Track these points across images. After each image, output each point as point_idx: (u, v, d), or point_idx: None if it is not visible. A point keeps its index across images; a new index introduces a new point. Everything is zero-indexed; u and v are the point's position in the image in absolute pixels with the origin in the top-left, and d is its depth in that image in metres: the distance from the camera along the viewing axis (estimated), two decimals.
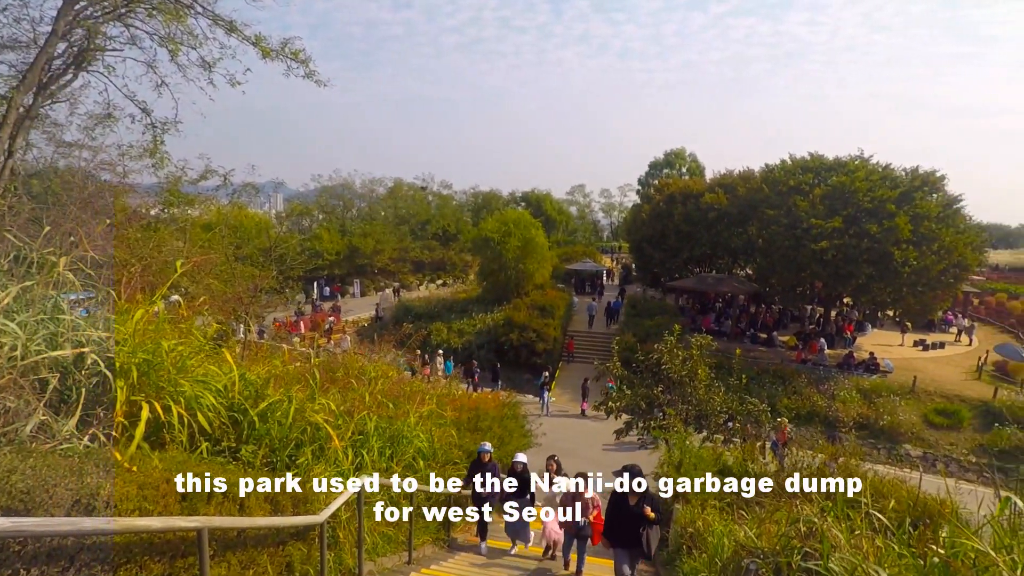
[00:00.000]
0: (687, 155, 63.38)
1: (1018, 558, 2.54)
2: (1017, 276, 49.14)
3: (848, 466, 11.46)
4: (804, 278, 27.80)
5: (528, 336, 27.30)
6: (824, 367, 25.98)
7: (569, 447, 20.12)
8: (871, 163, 28.29)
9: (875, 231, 24.54)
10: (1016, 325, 33.91)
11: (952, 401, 23.27)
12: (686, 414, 13.53)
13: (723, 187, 34.48)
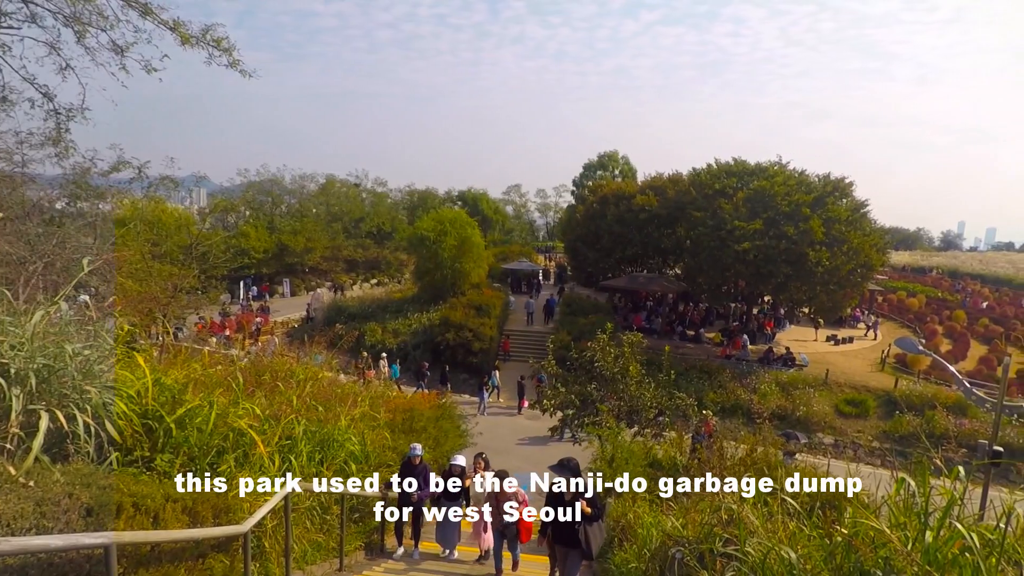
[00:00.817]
0: (620, 157, 65.05)
1: (910, 534, 2.76)
2: (915, 276, 53.49)
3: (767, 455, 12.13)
4: (728, 277, 29.17)
5: (464, 335, 27.24)
6: (747, 362, 27.37)
7: (503, 445, 20.25)
8: (788, 169, 30.01)
9: (792, 233, 26.06)
10: (914, 320, 36.93)
11: (860, 392, 25.04)
12: (618, 410, 13.90)
13: (653, 189, 35.65)
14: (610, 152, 65.11)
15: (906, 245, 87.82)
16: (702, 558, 4.29)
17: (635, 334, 15.98)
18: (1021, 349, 30.70)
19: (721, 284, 30.14)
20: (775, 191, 27.55)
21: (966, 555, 2.55)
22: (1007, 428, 20.72)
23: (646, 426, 14.25)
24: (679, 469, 10.69)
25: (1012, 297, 44.49)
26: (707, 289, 31.34)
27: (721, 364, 27.02)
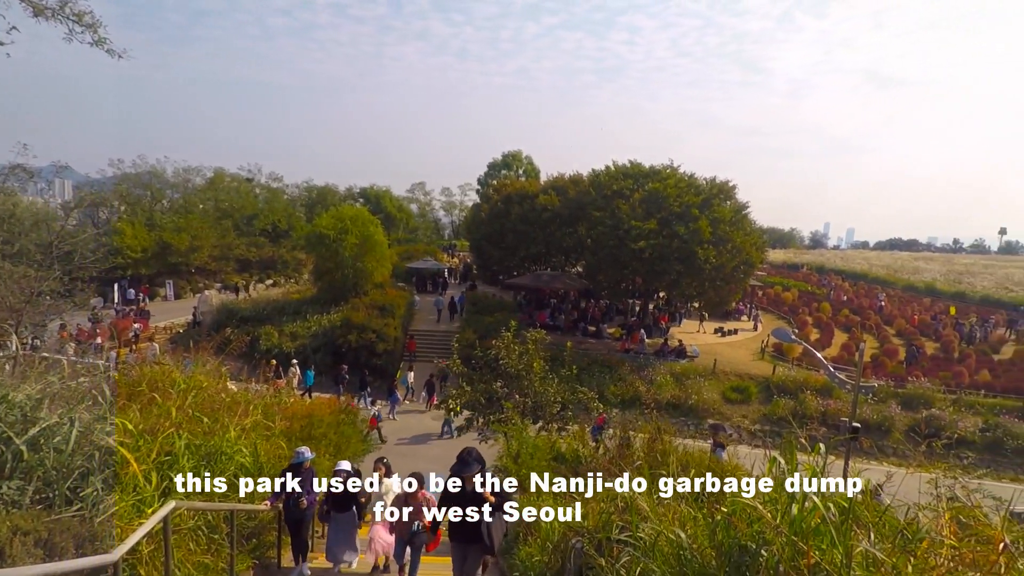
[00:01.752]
0: (524, 157, 66.16)
1: (780, 508, 3.00)
2: (789, 272, 58.77)
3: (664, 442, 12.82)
4: (627, 274, 30.51)
5: (368, 337, 26.54)
6: (644, 355, 28.77)
7: (411, 447, 19.97)
8: (679, 172, 31.83)
9: (683, 232, 27.71)
10: (788, 312, 40.53)
11: (743, 379, 27.08)
12: (523, 406, 14.11)
13: (556, 189, 36.58)
14: (514, 152, 66.05)
15: (781, 244, 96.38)
16: (600, 546, 4.44)
17: (539, 331, 16.27)
18: (875, 336, 34.59)
19: (620, 281, 31.46)
20: (668, 193, 29.15)
21: (825, 523, 2.82)
22: (864, 406, 23.25)
23: (550, 421, 14.57)
24: (582, 461, 11.03)
25: (867, 290, 50.04)
26: (607, 286, 32.59)
27: (621, 358, 28.19)
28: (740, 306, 38.88)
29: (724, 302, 33.56)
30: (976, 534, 2.86)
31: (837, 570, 2.48)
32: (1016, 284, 48.91)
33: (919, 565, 2.61)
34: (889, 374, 27.48)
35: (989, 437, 22.83)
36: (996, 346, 32.98)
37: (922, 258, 73.12)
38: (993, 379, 27.06)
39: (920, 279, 52.60)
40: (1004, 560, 2.40)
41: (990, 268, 59.00)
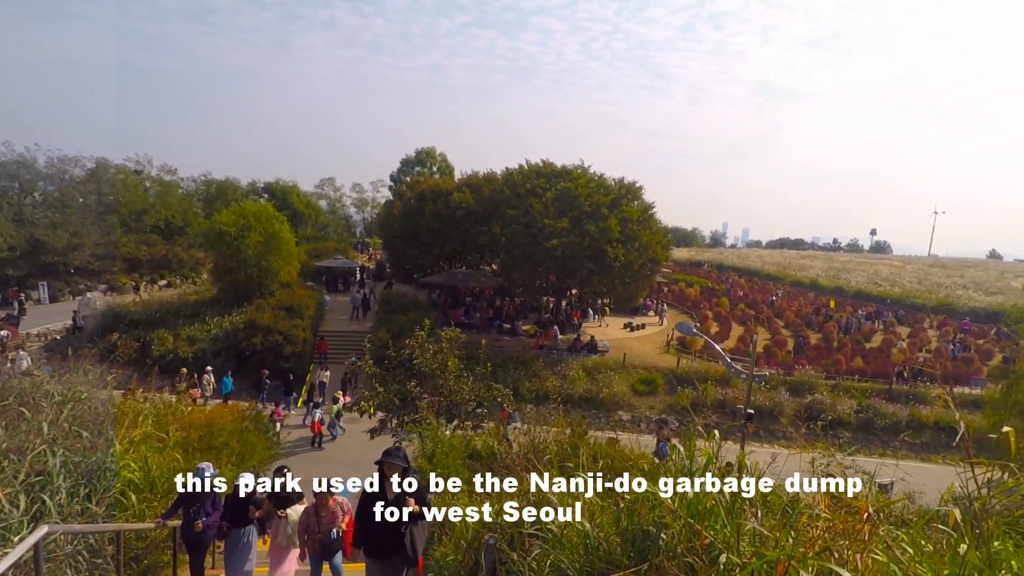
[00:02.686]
0: (438, 154, 65.62)
1: (678, 492, 3.17)
2: (692, 269, 62.28)
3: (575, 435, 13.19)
4: (540, 272, 31.06)
5: (274, 339, 25.32)
6: (557, 351, 29.43)
7: (324, 453, 19.28)
8: (590, 172, 32.80)
9: (593, 231, 28.60)
10: (691, 307, 42.95)
11: (651, 372, 28.38)
12: (438, 405, 14.02)
13: (470, 187, 36.58)
14: (428, 149, 65.35)
15: (685, 243, 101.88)
16: (513, 541, 4.49)
17: (454, 330, 16.21)
18: (767, 328, 37.39)
19: (534, 279, 31.98)
20: (579, 192, 29.95)
21: (719, 505, 3.00)
22: (757, 394, 25.06)
23: (465, 419, 14.57)
24: (497, 458, 11.11)
25: (760, 286, 54.03)
26: (521, 284, 33.02)
27: (535, 354, 28.67)
28: (647, 302, 40.68)
29: (632, 298, 35.00)
30: (846, 506, 3.15)
31: (728, 547, 2.65)
32: (883, 279, 54.61)
33: (798, 537, 2.82)
34: (779, 363, 29.79)
35: (862, 417, 25.32)
36: (868, 335, 36.63)
37: (807, 256, 79.86)
38: (865, 365, 30.05)
39: (805, 275, 57.42)
40: (868, 528, 2.65)
41: (863, 265, 65.47)
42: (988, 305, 42.52)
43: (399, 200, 41.68)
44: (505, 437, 11.80)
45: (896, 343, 34.50)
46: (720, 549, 2.66)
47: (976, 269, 64.19)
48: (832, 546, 2.66)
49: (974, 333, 37.46)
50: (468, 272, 36.64)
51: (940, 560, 2.61)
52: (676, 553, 2.80)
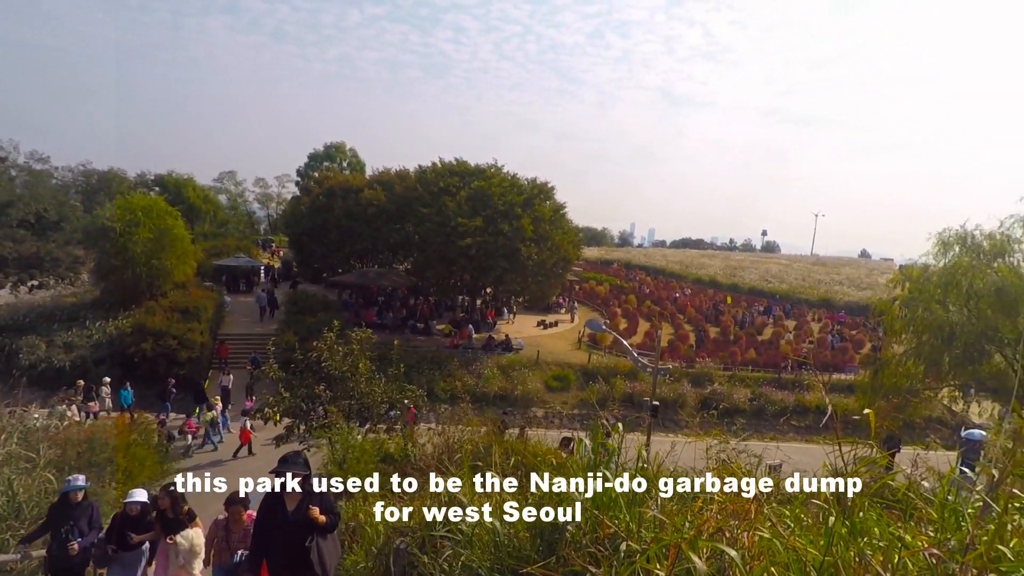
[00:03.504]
0: (348, 149, 63.71)
1: (584, 485, 3.25)
2: (602, 267, 64.39)
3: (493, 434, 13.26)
4: (454, 271, 30.96)
5: (167, 344, 23.51)
6: (472, 350, 29.46)
7: (229, 464, 18.14)
8: (503, 172, 33.06)
9: (507, 230, 28.87)
10: (601, 304, 44.41)
11: (563, 368, 29.05)
12: (348, 409, 13.59)
13: (382, 184, 35.79)
14: (338, 143, 63.30)
15: (595, 242, 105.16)
16: (424, 544, 4.43)
17: (365, 330, 15.79)
18: (671, 324, 39.39)
19: (448, 278, 31.83)
20: (492, 191, 30.13)
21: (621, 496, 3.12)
22: (662, 386, 26.33)
23: (378, 422, 14.24)
24: (411, 460, 10.95)
25: (664, 283, 56.82)
26: (435, 283, 32.77)
27: (450, 354, 28.54)
28: (560, 300, 41.62)
29: (545, 296, 35.69)
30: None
31: (629, 535, 2.75)
32: (773, 277, 59.12)
33: (694, 520, 2.98)
34: (682, 357, 31.47)
35: (755, 405, 27.25)
36: (760, 329, 39.50)
37: (707, 255, 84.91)
38: (758, 356, 32.39)
39: (705, 273, 61.03)
40: (755, 507, 2.84)
41: (755, 264, 70.55)
42: (859, 299, 47.12)
43: (307, 196, 40.06)
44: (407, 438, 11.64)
45: (784, 335, 37.47)
46: (622, 537, 2.76)
47: (850, 267, 70.99)
48: (724, 527, 2.83)
49: (848, 325, 41.41)
50: (380, 271, 35.85)
51: (816, 532, 2.85)
52: (582, 544, 2.88)
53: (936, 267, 16.54)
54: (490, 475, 4.82)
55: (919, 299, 16.64)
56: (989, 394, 18.61)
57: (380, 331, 27.46)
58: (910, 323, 16.98)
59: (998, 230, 15.94)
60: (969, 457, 11.09)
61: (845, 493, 2.64)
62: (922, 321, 16.35)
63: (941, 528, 2.72)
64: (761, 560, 2.39)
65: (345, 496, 9.73)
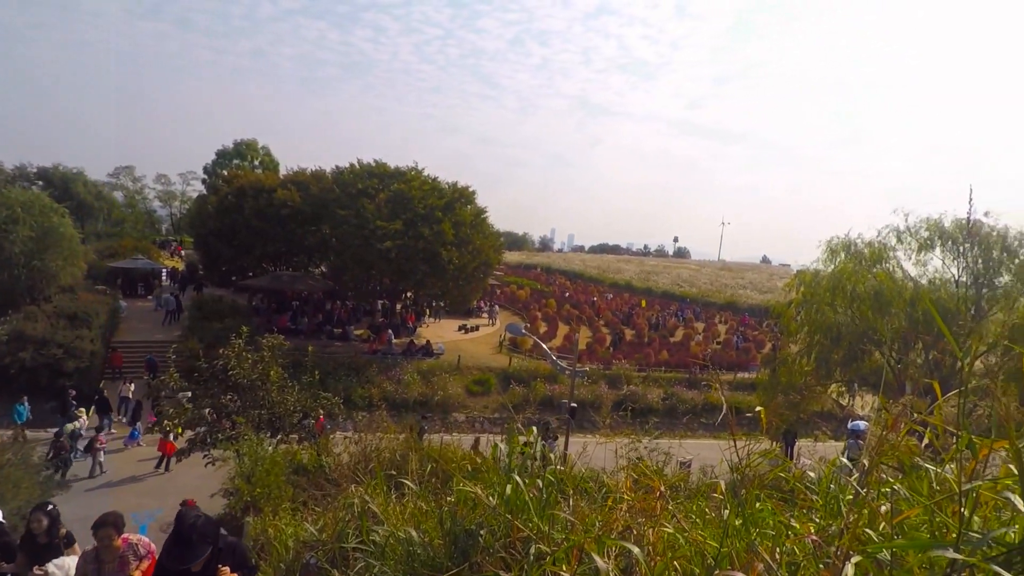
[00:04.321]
0: (260, 147, 60.86)
1: (499, 491, 3.27)
2: (523, 272, 65.15)
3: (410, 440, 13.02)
4: (373, 275, 30.29)
5: (51, 353, 21.40)
6: (392, 355, 28.89)
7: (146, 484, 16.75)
8: (424, 175, 32.73)
9: (428, 234, 28.59)
10: (522, 308, 44.91)
11: (484, 372, 29.11)
12: (259, 419, 12.92)
13: (297, 184, 34.39)
14: (249, 140, 60.28)
15: (516, 246, 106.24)
16: (335, 558, 4.28)
17: (277, 336, 15.08)
18: (589, 327, 40.46)
19: (367, 281, 31.11)
20: (413, 194, 29.74)
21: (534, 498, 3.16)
22: (580, 388, 26.96)
23: (291, 431, 13.64)
24: (326, 470, 10.58)
25: (583, 288, 58.32)
26: (353, 287, 31.92)
27: (369, 360, 27.84)
28: (481, 304, 41.69)
29: (466, 300, 35.62)
30: (644, 487, 3.50)
31: (541, 537, 2.78)
32: (684, 281, 62.19)
33: (604, 519, 3.06)
34: (599, 359, 32.38)
35: (668, 404, 28.49)
36: (672, 331, 41.41)
37: (623, 260, 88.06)
38: (670, 357, 33.90)
39: (622, 278, 63.24)
40: (660, 505, 2.95)
41: (668, 269, 73.94)
42: (761, 302, 50.50)
43: (214, 195, 37.76)
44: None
45: (694, 337, 39.48)
46: (534, 540, 2.79)
47: (753, 272, 75.98)
48: (632, 524, 2.92)
49: (751, 326, 44.25)
50: (295, 275, 34.43)
51: (716, 525, 3.00)
52: (494, 550, 2.89)
53: (825, 272, 18.02)
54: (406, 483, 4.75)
55: (811, 302, 18.05)
56: (871, 389, 20.48)
57: (294, 337, 26.39)
58: (803, 324, 18.39)
59: (876, 239, 17.63)
60: (855, 447, 12.18)
61: (740, 486, 2.81)
62: (813, 322, 17.75)
63: (825, 515, 2.95)
64: (664, 556, 2.49)
65: (253, 511, 9.26)
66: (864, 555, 1.76)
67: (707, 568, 2.38)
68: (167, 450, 17.01)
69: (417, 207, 29.38)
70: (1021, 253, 15.78)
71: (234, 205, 33.56)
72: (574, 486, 3.43)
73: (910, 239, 17.18)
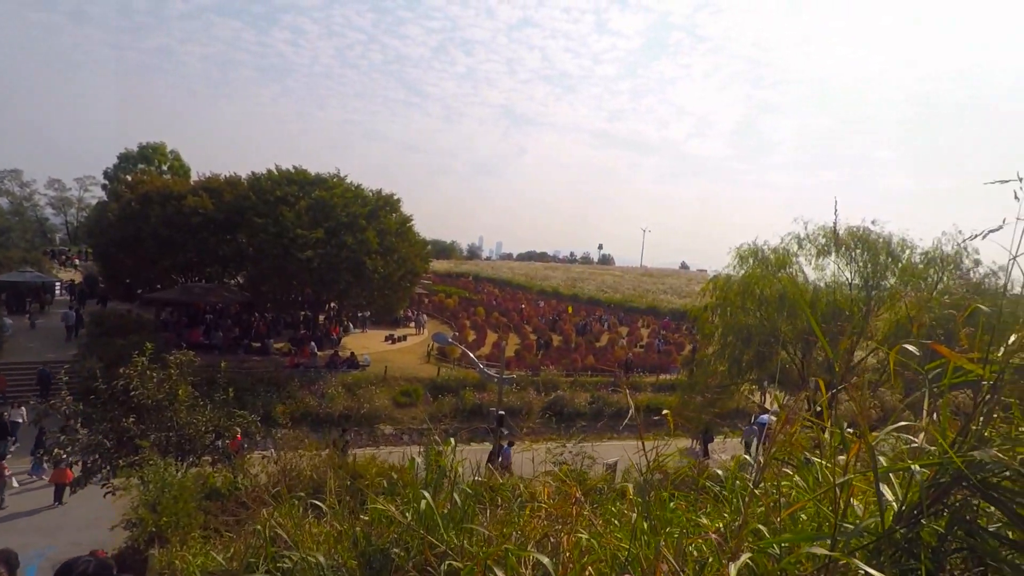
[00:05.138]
0: (169, 151, 57.38)
1: (413, 507, 3.19)
2: (451, 280, 64.83)
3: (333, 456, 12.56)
4: (294, 286, 29.15)
5: None
6: (315, 368, 27.87)
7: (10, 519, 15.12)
8: (347, 182, 31.94)
9: (351, 242, 27.87)
10: (451, 317, 44.65)
11: (412, 383, 28.61)
12: (166, 442, 12.05)
13: (209, 191, 32.56)
14: (156, 144, 56.69)
15: (444, 255, 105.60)
16: None
17: (186, 352, 14.16)
18: (517, 334, 40.77)
19: (287, 292, 29.91)
20: (335, 202, 28.94)
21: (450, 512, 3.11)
22: (509, 395, 27.03)
23: (203, 454, 12.84)
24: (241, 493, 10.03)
25: (511, 295, 58.76)
26: (273, 298, 30.60)
27: (290, 374, 26.73)
28: (408, 313, 41.09)
29: (393, 310, 35.01)
30: (562, 492, 3.53)
31: (455, 552, 2.74)
32: (608, 287, 63.98)
33: (522, 528, 3.06)
34: (528, 365, 32.65)
35: (594, 408, 29.10)
36: (598, 336, 42.43)
37: (550, 267, 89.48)
38: (596, 362, 34.69)
39: (549, 284, 64.22)
40: (576, 510, 2.98)
41: (593, 275, 75.83)
42: (680, 306, 52.73)
43: (116, 202, 35.15)
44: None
45: (618, 341, 40.62)
46: (449, 555, 2.74)
47: (673, 277, 79.23)
48: (550, 532, 2.93)
49: (672, 330, 46.10)
50: (208, 286, 32.56)
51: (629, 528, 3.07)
52: (407, 568, 2.82)
53: (736, 277, 19.08)
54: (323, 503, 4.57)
55: (724, 305, 19.04)
56: (779, 386, 21.83)
57: (208, 352, 24.93)
58: (717, 327, 19.36)
59: (780, 245, 18.87)
60: (750, 432, 12.82)
61: (648, 488, 2.88)
62: (727, 325, 18.73)
63: (731, 510, 3.08)
64: (577, 563, 2.51)
65: (159, 542, 8.62)
66: (756, 551, 1.85)
67: (618, 571, 2.42)
68: (64, 479, 15.54)
69: (340, 215, 28.61)
70: (903, 257, 17.37)
71: (139, 213, 31.30)
72: (491, 497, 3.41)
73: (809, 245, 18.51)
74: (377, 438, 24.51)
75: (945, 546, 1.57)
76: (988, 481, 1.52)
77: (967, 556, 1.57)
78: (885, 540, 1.56)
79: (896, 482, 1.72)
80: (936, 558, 1.55)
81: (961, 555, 1.58)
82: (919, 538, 1.61)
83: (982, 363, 1.61)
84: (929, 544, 1.59)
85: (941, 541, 1.57)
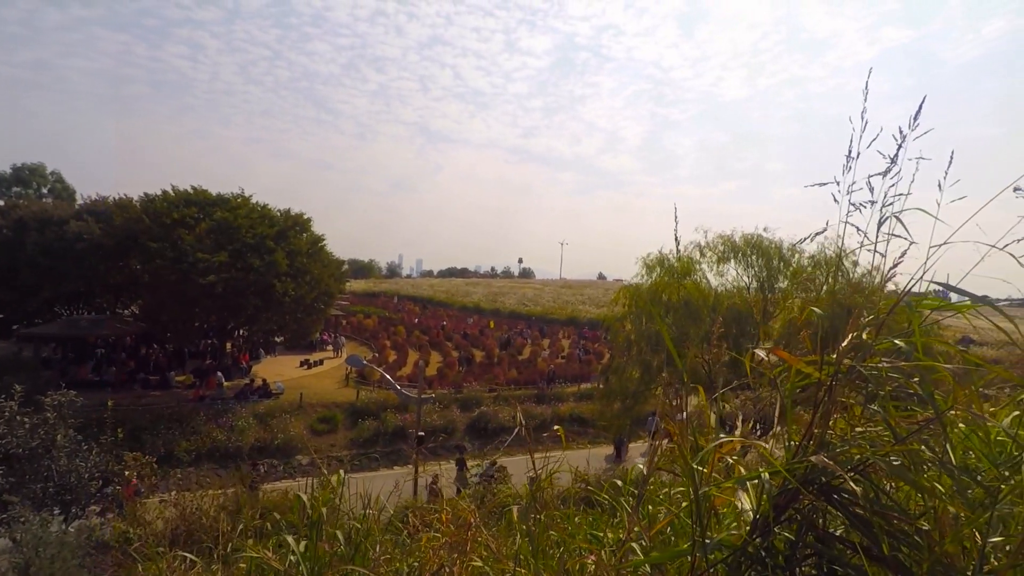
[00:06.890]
0: (50, 173, 52.66)
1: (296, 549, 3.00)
2: (370, 299, 63.21)
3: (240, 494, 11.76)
4: (197, 313, 27.33)
5: None
6: (223, 400, 26.17)
7: None
8: (252, 202, 30.44)
9: (258, 265, 26.54)
10: (370, 337, 43.46)
11: (330, 409, 27.47)
12: (42, 494, 10.82)
13: (96, 215, 30.06)
14: (34, 165, 51.97)
15: (362, 274, 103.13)
16: None
17: (67, 392, 12.84)
18: (440, 351, 40.28)
19: (188, 320, 28.00)
20: (239, 223, 27.50)
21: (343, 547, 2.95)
22: (432, 414, 26.61)
23: (88, 503, 11.65)
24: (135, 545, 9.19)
25: (432, 312, 58.11)
26: (173, 328, 28.53)
27: (194, 408, 24.93)
28: (325, 336, 39.63)
29: (307, 333, 33.64)
30: (458, 519, 3.44)
31: None
32: (529, 300, 64.72)
33: (419, 555, 2.95)
34: (451, 383, 32.27)
35: (517, 421, 29.17)
36: (520, 349, 42.69)
37: (471, 283, 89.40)
38: (519, 375, 34.86)
39: (470, 300, 64.07)
40: (471, 536, 2.90)
41: (514, 289, 76.51)
42: (598, 316, 54.19)
43: None
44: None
45: (540, 353, 41.06)
46: None
47: (591, 288, 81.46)
48: (446, 562, 2.83)
49: (591, 339, 47.20)
50: (97, 318, 29.90)
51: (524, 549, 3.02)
52: None
53: (645, 285, 19.84)
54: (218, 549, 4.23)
55: (635, 313, 19.72)
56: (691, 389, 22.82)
57: (99, 390, 22.89)
58: (629, 334, 20.00)
59: (684, 254, 19.85)
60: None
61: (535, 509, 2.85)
62: (638, 332, 19.39)
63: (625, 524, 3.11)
64: None
65: None
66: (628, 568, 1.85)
67: None
68: None
69: (245, 236, 27.20)
70: (794, 261, 18.76)
71: (12, 240, 28.33)
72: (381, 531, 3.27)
73: (710, 253, 19.61)
74: (294, 469, 23.29)
75: (797, 553, 1.61)
76: (832, 484, 1.58)
77: (816, 562, 1.63)
78: (741, 552, 1.59)
79: (752, 492, 1.77)
80: (788, 566, 1.59)
81: (810, 562, 1.64)
82: (774, 547, 1.65)
83: (817, 366, 1.69)
84: (782, 552, 1.63)
85: (793, 549, 1.62)
